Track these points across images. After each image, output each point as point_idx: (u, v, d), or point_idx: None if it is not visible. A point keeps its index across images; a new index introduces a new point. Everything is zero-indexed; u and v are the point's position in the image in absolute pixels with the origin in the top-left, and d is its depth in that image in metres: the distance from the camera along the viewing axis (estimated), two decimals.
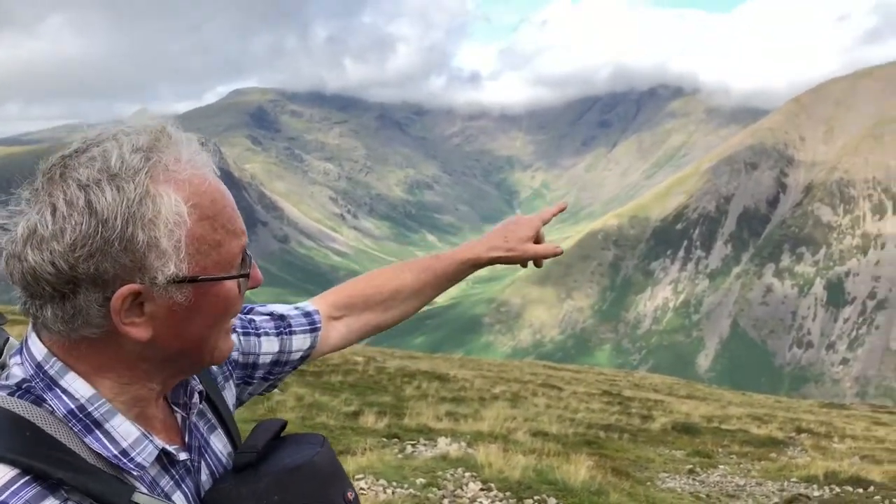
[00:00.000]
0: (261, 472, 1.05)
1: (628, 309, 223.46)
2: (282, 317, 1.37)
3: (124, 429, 0.96)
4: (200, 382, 1.15)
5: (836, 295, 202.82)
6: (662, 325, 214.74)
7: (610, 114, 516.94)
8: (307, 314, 1.40)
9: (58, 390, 0.94)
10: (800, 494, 7.32)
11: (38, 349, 0.96)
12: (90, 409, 0.94)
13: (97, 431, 0.94)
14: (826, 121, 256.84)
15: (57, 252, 0.88)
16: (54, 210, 0.89)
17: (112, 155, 0.92)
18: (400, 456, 7.42)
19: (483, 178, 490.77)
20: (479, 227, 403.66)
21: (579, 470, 6.69)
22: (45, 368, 0.95)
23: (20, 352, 0.99)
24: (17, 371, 0.96)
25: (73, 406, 0.93)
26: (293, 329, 1.36)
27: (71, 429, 0.92)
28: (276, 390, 7.48)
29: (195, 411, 1.11)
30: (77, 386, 0.94)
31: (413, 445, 8.10)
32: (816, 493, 7.51)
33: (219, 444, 1.15)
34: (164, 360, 0.99)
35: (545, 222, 1.57)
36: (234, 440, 1.18)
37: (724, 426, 15.22)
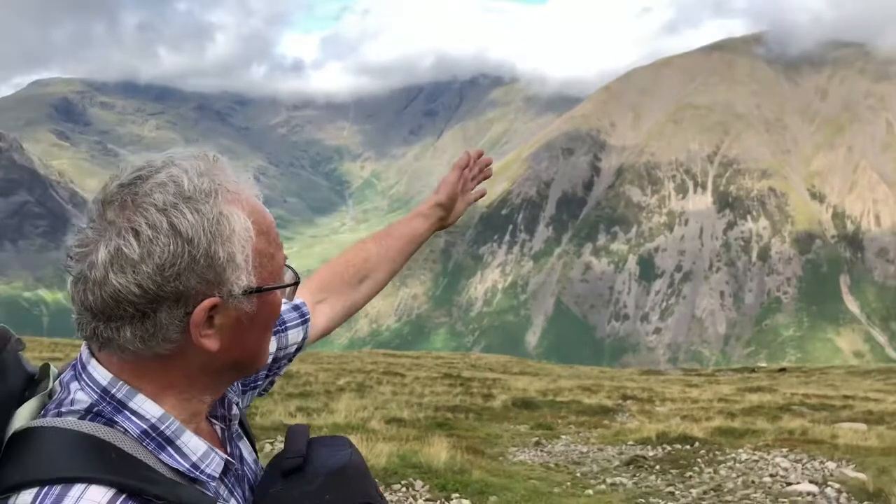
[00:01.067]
0: (309, 475, 1.12)
1: (460, 293, 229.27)
2: None
3: (194, 444, 1.03)
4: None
5: (648, 269, 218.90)
6: (493, 307, 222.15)
7: (435, 103, 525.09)
8: (296, 307, 1.46)
9: (127, 412, 0.99)
10: (637, 455, 8.00)
11: (101, 374, 1.01)
12: (162, 427, 1.00)
13: (169, 448, 1.00)
14: (633, 107, 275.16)
15: (145, 273, 0.94)
16: (137, 234, 0.95)
17: (183, 180, 0.99)
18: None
19: (312, 169, 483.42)
20: (310, 219, 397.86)
21: (440, 452, 6.93)
22: (113, 392, 1.00)
23: (76, 378, 1.03)
24: (81, 396, 1.00)
25: (145, 426, 0.99)
26: (287, 325, 1.42)
27: (146, 447, 0.98)
28: None
29: (236, 422, 1.19)
30: (147, 407, 1.00)
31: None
32: (651, 453, 8.23)
33: (245, 451, 1.22)
34: (222, 370, 1.07)
35: (464, 167, 1.75)
36: (254, 447, 1.27)
37: (558, 399, 16.06)
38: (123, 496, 0.90)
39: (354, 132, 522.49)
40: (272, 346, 1.36)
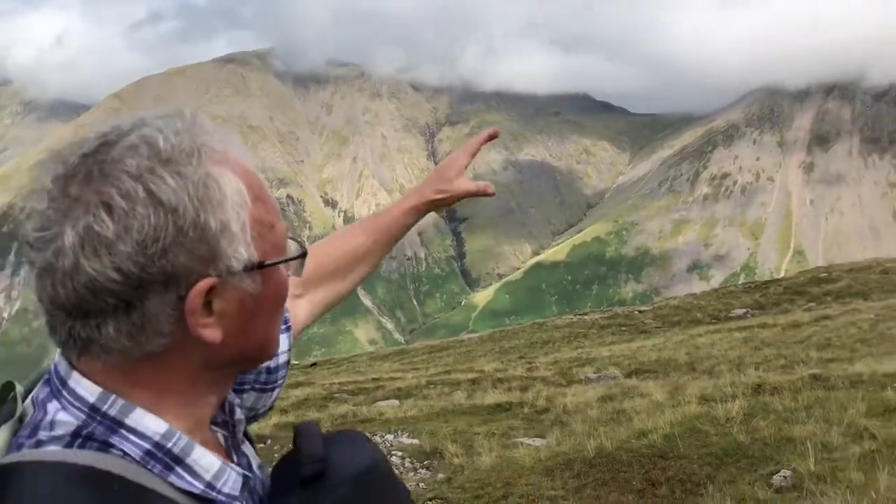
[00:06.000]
0: (333, 481, 0.91)
1: None
2: None
3: (206, 460, 0.84)
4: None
5: None
6: (7, 338, 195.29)
7: None
8: None
9: (124, 431, 0.80)
10: None
11: (87, 389, 0.80)
12: (168, 445, 0.81)
13: (178, 468, 0.81)
14: None
15: (124, 254, 0.75)
16: (110, 208, 0.75)
17: (158, 140, 0.80)
18: None
19: None
20: None
21: None
22: (104, 409, 0.80)
23: (54, 395, 0.82)
24: (64, 418, 0.79)
25: (148, 446, 0.80)
26: None
27: (150, 471, 0.79)
28: None
29: (241, 429, 0.99)
30: (147, 423, 0.80)
31: None
32: None
33: (251, 458, 1.00)
34: (226, 365, 0.87)
35: (473, 155, 1.52)
36: (255, 450, 1.04)
37: None
38: None
39: None
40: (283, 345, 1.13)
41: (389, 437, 8.11)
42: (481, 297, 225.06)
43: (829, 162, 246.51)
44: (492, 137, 1.56)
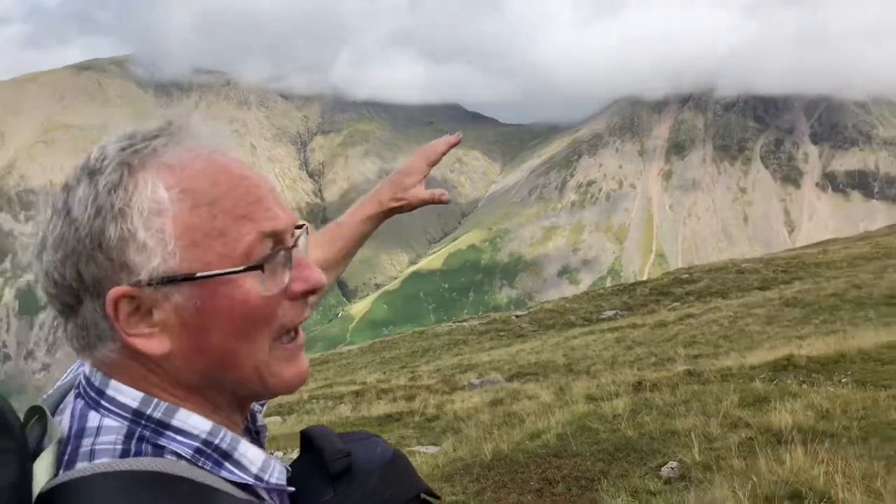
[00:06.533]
0: (360, 474, 0.93)
1: None
2: None
3: (252, 453, 0.84)
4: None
5: (29, 302, 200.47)
6: None
7: None
8: None
9: (170, 432, 0.80)
10: None
11: (128, 395, 0.80)
12: (216, 441, 0.81)
13: (227, 463, 0.82)
14: None
15: (47, 260, 0.79)
16: (47, 218, 0.81)
17: (93, 152, 0.81)
18: None
19: None
20: None
21: None
22: (149, 413, 0.79)
23: (92, 407, 0.81)
24: (109, 424, 0.79)
25: (196, 444, 0.80)
26: None
27: (202, 468, 0.80)
28: None
29: (266, 436, 0.99)
30: (193, 421, 0.81)
31: None
32: None
33: None
34: (212, 385, 0.83)
35: (433, 164, 1.53)
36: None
37: None
38: None
39: None
40: None
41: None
42: (358, 307, 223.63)
43: (685, 169, 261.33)
44: (453, 145, 1.55)
